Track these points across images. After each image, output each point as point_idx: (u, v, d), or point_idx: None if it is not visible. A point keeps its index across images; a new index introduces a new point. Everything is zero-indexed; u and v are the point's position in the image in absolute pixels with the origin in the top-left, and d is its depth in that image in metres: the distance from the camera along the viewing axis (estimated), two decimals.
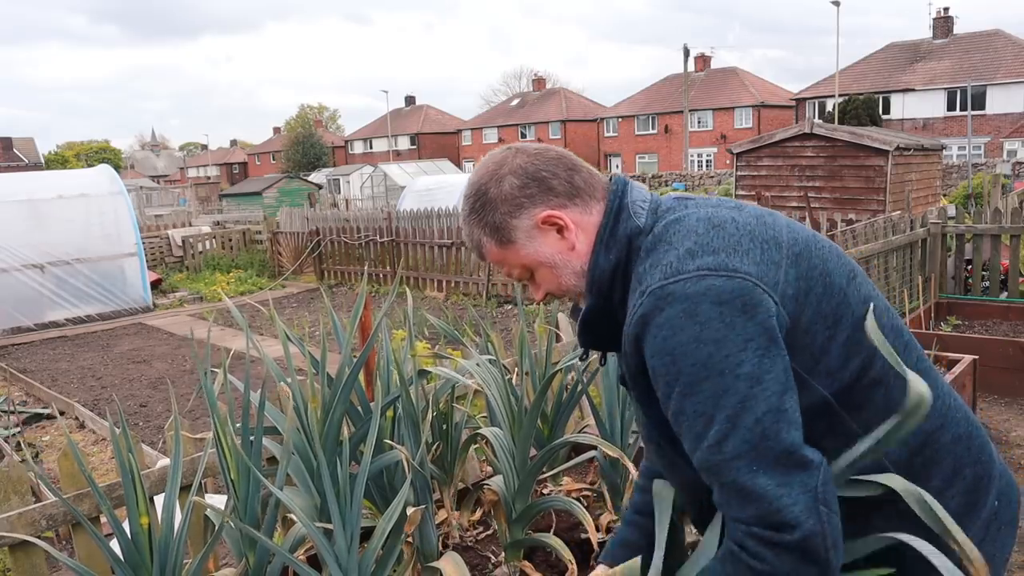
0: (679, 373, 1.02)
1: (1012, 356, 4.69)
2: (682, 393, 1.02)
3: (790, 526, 0.97)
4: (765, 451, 0.98)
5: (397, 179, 33.73)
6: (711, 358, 1.00)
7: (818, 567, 0.99)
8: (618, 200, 1.20)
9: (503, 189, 1.19)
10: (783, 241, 1.11)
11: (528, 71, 70.66)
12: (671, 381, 1.03)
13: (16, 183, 11.80)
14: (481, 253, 1.27)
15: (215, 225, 19.86)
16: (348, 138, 67.50)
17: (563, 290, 1.25)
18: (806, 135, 13.47)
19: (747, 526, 1.00)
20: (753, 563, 1.01)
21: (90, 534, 2.00)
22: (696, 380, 1.00)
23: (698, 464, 1.05)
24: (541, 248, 1.21)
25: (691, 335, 1.01)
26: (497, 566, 2.56)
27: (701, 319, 1.01)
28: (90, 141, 77.98)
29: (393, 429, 2.41)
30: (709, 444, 1.01)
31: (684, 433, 1.06)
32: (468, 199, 1.24)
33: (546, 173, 1.19)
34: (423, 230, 11.62)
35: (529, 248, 1.22)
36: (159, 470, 2.34)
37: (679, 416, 1.05)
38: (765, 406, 0.99)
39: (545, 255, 1.22)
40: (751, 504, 0.99)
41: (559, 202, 1.19)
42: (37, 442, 5.47)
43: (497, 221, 1.21)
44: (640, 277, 1.11)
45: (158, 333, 9.71)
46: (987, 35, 36.27)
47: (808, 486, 0.98)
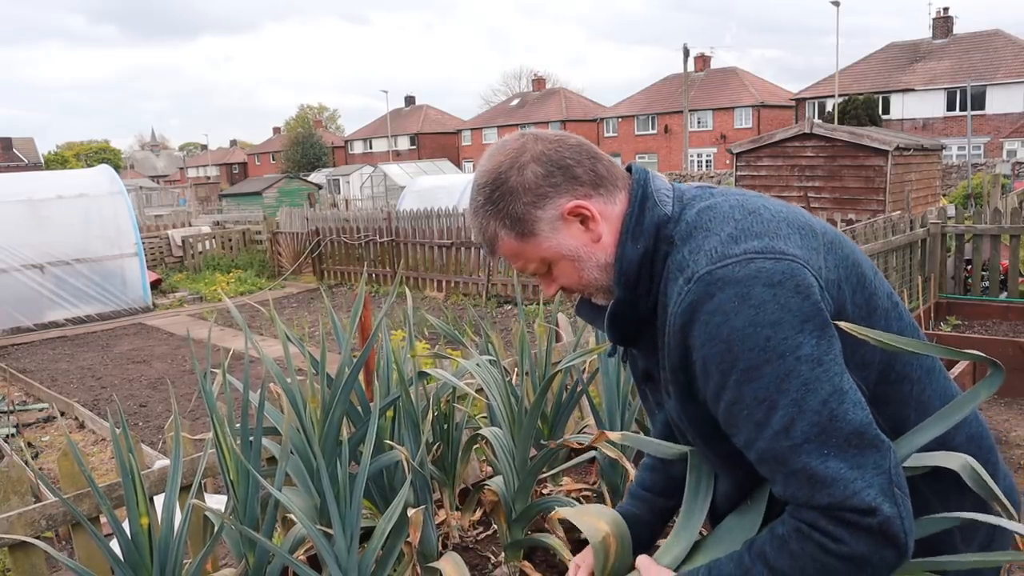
0: (736, 360, 0.97)
1: (1012, 356, 4.68)
2: (740, 380, 0.97)
3: (869, 510, 0.93)
4: (835, 433, 0.94)
5: (397, 179, 33.73)
6: (769, 341, 0.95)
7: (896, 551, 0.95)
8: (642, 188, 1.15)
9: (526, 177, 1.11)
10: (817, 229, 1.10)
11: (528, 71, 70.71)
12: (727, 369, 0.98)
13: (16, 183, 11.80)
14: (493, 247, 1.18)
15: (215, 225, 19.85)
16: (348, 138, 67.48)
17: (583, 284, 1.18)
18: (806, 135, 13.47)
19: (819, 510, 0.95)
20: (827, 543, 0.95)
21: (90, 534, 2.00)
22: (755, 365, 0.96)
23: (759, 454, 0.99)
24: (565, 240, 1.14)
25: (746, 319, 0.96)
26: (497, 566, 2.56)
27: (755, 302, 0.97)
28: (90, 141, 77.98)
29: (393, 429, 2.41)
30: (775, 431, 0.96)
31: (741, 423, 1.00)
32: (483, 188, 1.14)
33: (570, 161, 1.13)
34: (423, 230, 11.62)
35: (552, 241, 1.14)
36: (159, 470, 2.34)
37: (735, 406, 0.99)
38: (829, 387, 0.95)
39: (568, 248, 1.14)
40: (824, 490, 0.94)
41: (584, 192, 1.13)
42: (37, 442, 5.47)
43: (519, 212, 1.12)
44: (680, 265, 1.06)
45: (158, 333, 9.71)
46: (987, 35, 36.27)
47: (882, 467, 0.94)
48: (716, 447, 1.12)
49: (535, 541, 2.47)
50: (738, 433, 1.02)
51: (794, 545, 0.98)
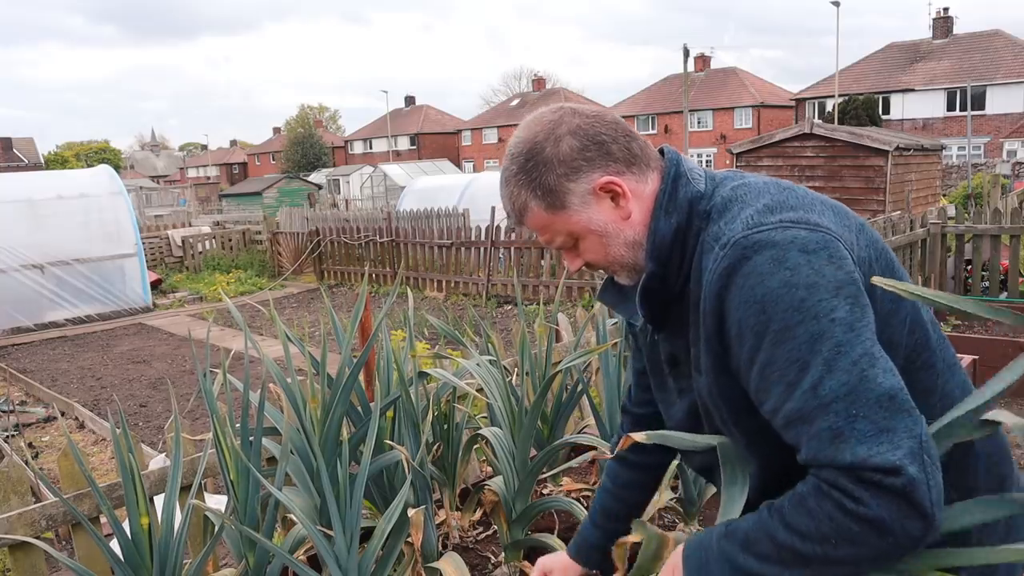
0: (769, 320, 0.96)
1: (1012, 356, 4.65)
2: (773, 341, 0.96)
3: (894, 470, 0.88)
4: (864, 393, 0.92)
5: (397, 179, 33.73)
6: (804, 302, 0.95)
7: (922, 521, 0.89)
8: (675, 167, 1.16)
9: (561, 149, 1.12)
10: (848, 212, 1.12)
11: (528, 71, 70.74)
12: (761, 331, 0.97)
13: (16, 183, 11.80)
14: (522, 217, 1.17)
15: (215, 225, 19.85)
16: (348, 138, 67.48)
17: (608, 261, 1.18)
18: (806, 135, 13.48)
19: (842, 470, 0.91)
20: (846, 502, 0.91)
21: (90, 534, 2.00)
22: (789, 325, 0.95)
23: (787, 416, 0.97)
24: (594, 216, 1.14)
25: (782, 280, 0.96)
26: (497, 566, 2.56)
27: (790, 265, 0.96)
28: (90, 141, 77.97)
29: (393, 429, 2.41)
30: (803, 390, 0.94)
31: (772, 386, 0.98)
32: (516, 157, 1.15)
33: (606, 137, 1.13)
34: (423, 230, 11.62)
35: (582, 215, 1.14)
36: (159, 470, 2.34)
37: (767, 368, 0.98)
38: (861, 350, 0.94)
39: (598, 223, 1.14)
40: (849, 448, 0.91)
41: (617, 168, 1.13)
42: (37, 442, 5.47)
43: (551, 183, 1.12)
44: (716, 235, 1.06)
45: (158, 333, 9.71)
46: (987, 35, 36.28)
47: (913, 432, 0.91)
48: (746, 424, 1.10)
49: (535, 541, 2.47)
50: (768, 398, 0.99)
51: (812, 502, 0.95)
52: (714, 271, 1.03)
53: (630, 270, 1.18)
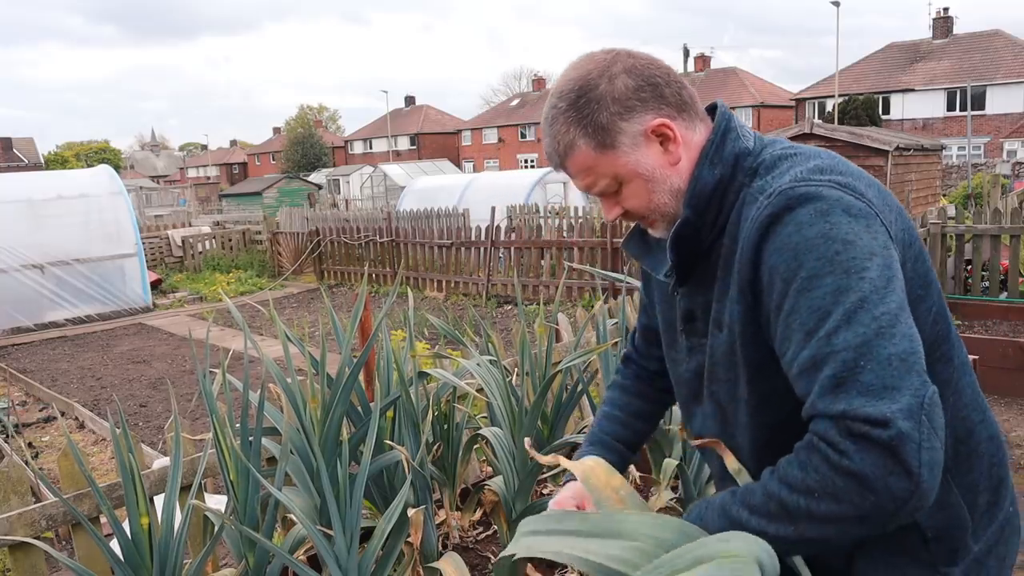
0: (800, 267, 0.95)
1: (1012, 356, 4.68)
2: (800, 289, 0.95)
3: (882, 421, 0.85)
4: (878, 349, 0.89)
5: (397, 179, 33.74)
6: (838, 255, 0.94)
7: (909, 481, 0.85)
8: (726, 121, 1.15)
9: (616, 87, 1.08)
10: (889, 194, 1.11)
11: (528, 71, 70.78)
12: (789, 277, 0.96)
13: (16, 183, 11.80)
14: (565, 158, 1.13)
15: (215, 225, 19.86)
16: (348, 138, 67.48)
17: (650, 208, 1.14)
18: (806, 135, 13.48)
19: (833, 419, 0.89)
20: (830, 453, 0.89)
21: (90, 534, 2.00)
22: (818, 274, 0.94)
23: (800, 365, 0.95)
24: (643, 159, 1.11)
25: (820, 231, 0.96)
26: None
27: (832, 220, 0.96)
28: (90, 141, 77.96)
29: (393, 429, 2.41)
30: (818, 338, 0.93)
31: (792, 335, 0.96)
32: (567, 95, 1.11)
33: (660, 80, 1.11)
34: (423, 230, 11.62)
35: (630, 157, 1.11)
36: (159, 470, 2.34)
37: (790, 316, 0.96)
38: (884, 309, 0.92)
39: (646, 167, 1.11)
40: (845, 396, 0.89)
41: (669, 112, 1.11)
42: (37, 442, 5.47)
43: (603, 121, 1.09)
44: (761, 188, 1.05)
45: (158, 333, 9.71)
46: (987, 35, 36.28)
47: (918, 392, 0.87)
48: (760, 386, 1.08)
49: None
50: (789, 347, 0.98)
51: (803, 455, 0.93)
52: (756, 219, 1.02)
53: (670, 220, 1.15)
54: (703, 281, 1.15)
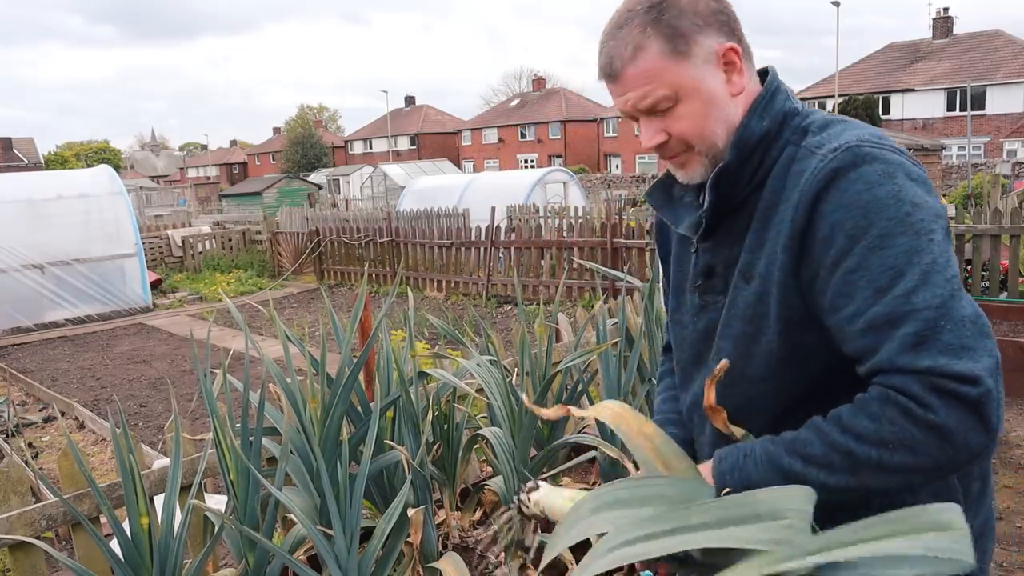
0: (870, 226, 0.96)
1: (1012, 356, 4.68)
2: (870, 247, 0.96)
3: (973, 379, 0.88)
4: (954, 310, 0.92)
5: (397, 179, 33.73)
6: (909, 216, 0.96)
7: (986, 436, 0.90)
8: (776, 82, 1.16)
9: (698, 3, 1.09)
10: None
11: (528, 71, 70.77)
12: (857, 235, 0.97)
13: (16, 183, 11.80)
14: (625, 64, 1.09)
15: (215, 225, 19.86)
16: (348, 138, 67.49)
17: (701, 135, 1.11)
18: None
19: (917, 374, 0.91)
20: (913, 407, 0.90)
21: (90, 534, 2.00)
22: (891, 234, 0.95)
23: (870, 320, 0.95)
24: (708, 79, 1.09)
25: (890, 191, 0.97)
26: (497, 566, 2.56)
27: (899, 182, 0.98)
28: (90, 141, 77.97)
29: (393, 429, 2.41)
30: (895, 296, 0.94)
31: (857, 291, 0.97)
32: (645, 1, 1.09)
33: (734, 16, 1.12)
34: (423, 230, 11.62)
35: (698, 72, 1.09)
36: (159, 470, 2.34)
37: (856, 273, 0.97)
38: (952, 272, 0.95)
39: (708, 88, 1.10)
40: (929, 353, 0.90)
41: (737, 47, 1.12)
42: (37, 442, 5.47)
43: (683, 28, 1.07)
44: (819, 143, 1.06)
45: (158, 333, 9.71)
46: (987, 35, 36.28)
47: (992, 353, 0.92)
48: (792, 337, 1.07)
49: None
50: (850, 303, 0.98)
51: (875, 407, 0.94)
52: (817, 171, 1.02)
53: (713, 158, 1.13)
54: (731, 234, 1.15)
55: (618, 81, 1.11)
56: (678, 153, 1.15)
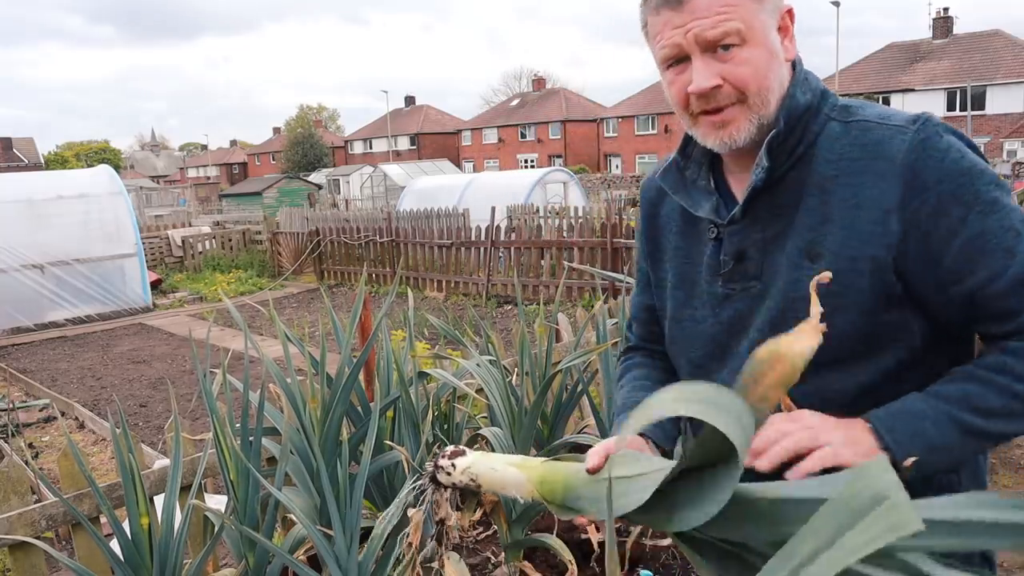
0: (977, 192, 0.98)
1: None
2: (983, 212, 0.97)
3: None
4: None
5: (397, 179, 33.74)
6: (996, 177, 1.00)
7: None
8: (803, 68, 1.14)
9: None
10: None
11: (528, 71, 70.79)
12: (970, 202, 0.98)
13: (16, 183, 11.79)
14: None
15: (215, 225, 19.85)
16: (348, 138, 67.50)
17: (761, 85, 1.04)
18: None
19: None
20: None
21: (90, 534, 2.00)
22: (996, 198, 0.98)
23: (1014, 279, 0.97)
24: (772, 33, 1.06)
25: (973, 159, 1.00)
26: (497, 566, 2.56)
27: (969, 151, 1.01)
28: (90, 141, 77.97)
29: (393, 429, 2.42)
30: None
31: (987, 255, 0.98)
32: None
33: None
34: (423, 230, 11.62)
35: (768, 19, 1.05)
36: (159, 470, 2.34)
37: (980, 238, 0.98)
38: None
39: (773, 40, 1.06)
40: None
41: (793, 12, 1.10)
42: (37, 442, 5.47)
43: None
44: (881, 117, 1.06)
45: (158, 333, 9.71)
46: (987, 35, 36.29)
47: None
48: (878, 315, 1.03)
49: (535, 541, 2.47)
50: (979, 268, 0.98)
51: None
52: (906, 143, 1.01)
53: (761, 119, 1.06)
54: (768, 213, 1.09)
55: (684, 5, 1.02)
56: (727, 105, 1.05)
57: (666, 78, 1.09)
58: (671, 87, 1.08)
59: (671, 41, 1.04)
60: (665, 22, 1.04)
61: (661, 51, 1.06)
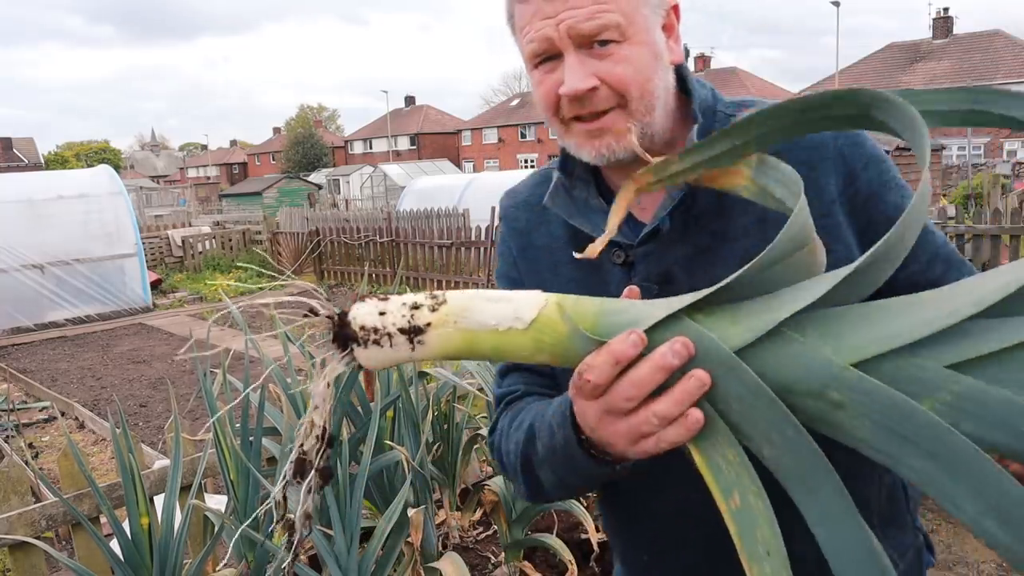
0: (895, 176, 0.98)
1: None
2: (904, 196, 0.97)
3: None
4: None
5: (397, 179, 33.76)
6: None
7: None
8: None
9: None
10: None
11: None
12: (893, 186, 0.97)
13: (16, 183, 11.80)
14: None
15: (215, 225, 19.86)
16: (348, 138, 67.52)
17: (643, 90, 0.90)
18: None
19: None
20: None
21: (90, 534, 2.00)
22: (904, 181, 0.99)
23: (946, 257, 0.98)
24: (656, 31, 0.91)
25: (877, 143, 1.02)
26: (497, 566, 2.56)
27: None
28: (90, 141, 78.01)
29: (393, 429, 2.42)
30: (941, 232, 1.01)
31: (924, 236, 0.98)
32: None
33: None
34: (423, 230, 11.63)
35: (651, 16, 0.90)
36: (159, 470, 2.34)
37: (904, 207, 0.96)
38: None
39: (656, 39, 0.91)
40: None
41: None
42: (37, 442, 5.47)
43: None
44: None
45: (158, 333, 9.71)
46: (987, 35, 36.31)
47: None
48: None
49: (535, 541, 2.47)
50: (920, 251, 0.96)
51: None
52: (840, 135, 0.96)
53: (646, 125, 0.92)
54: (690, 226, 0.97)
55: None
56: (605, 110, 0.90)
57: (534, 78, 0.94)
58: (539, 88, 0.93)
59: (540, 34, 0.89)
60: (534, 12, 0.89)
61: (528, 46, 0.91)
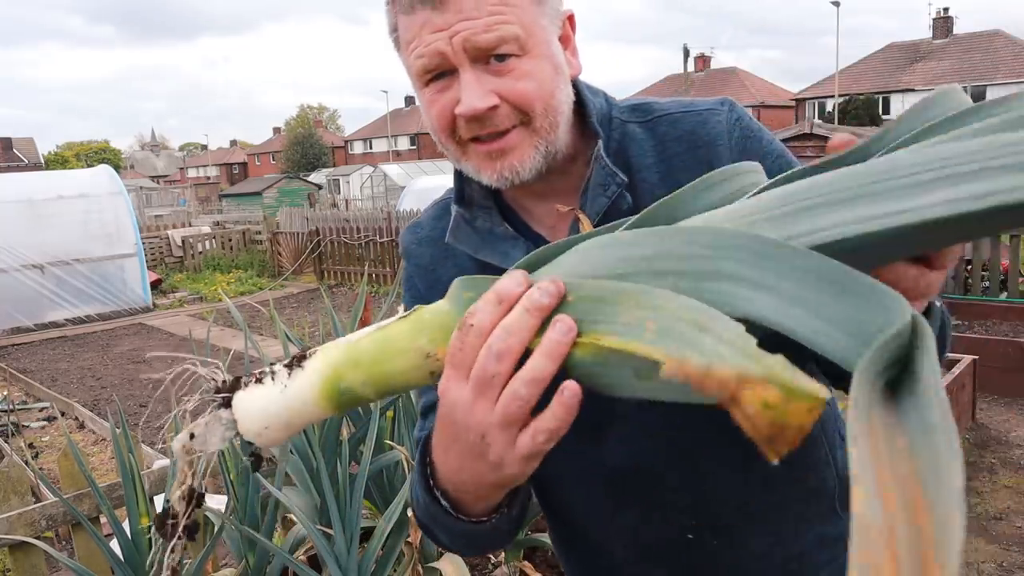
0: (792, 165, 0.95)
1: (1012, 356, 4.68)
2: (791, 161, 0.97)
3: None
4: None
5: (397, 179, 33.74)
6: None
7: None
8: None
9: None
10: None
11: None
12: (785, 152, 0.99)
13: (16, 183, 11.80)
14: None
15: (215, 225, 19.86)
16: (348, 138, 67.53)
17: (547, 106, 0.83)
18: (806, 135, 13.47)
19: None
20: None
21: (90, 534, 2.00)
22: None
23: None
24: (555, 43, 0.86)
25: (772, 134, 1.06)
26: (497, 566, 2.56)
27: None
28: (90, 141, 78.02)
29: (393, 429, 2.42)
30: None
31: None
32: None
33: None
34: None
35: (550, 28, 0.84)
36: (159, 470, 2.34)
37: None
38: None
39: (556, 52, 0.86)
40: None
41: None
42: (37, 442, 5.47)
43: None
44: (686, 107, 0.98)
45: (158, 333, 9.71)
46: (987, 35, 36.31)
47: None
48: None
49: (535, 541, 2.47)
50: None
51: None
52: (723, 123, 0.94)
53: (551, 144, 0.86)
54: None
55: (447, 3, 0.78)
56: (506, 129, 0.83)
57: (424, 97, 0.85)
58: (431, 108, 0.84)
59: (431, 48, 0.80)
60: (423, 23, 0.80)
61: (418, 61, 0.81)
